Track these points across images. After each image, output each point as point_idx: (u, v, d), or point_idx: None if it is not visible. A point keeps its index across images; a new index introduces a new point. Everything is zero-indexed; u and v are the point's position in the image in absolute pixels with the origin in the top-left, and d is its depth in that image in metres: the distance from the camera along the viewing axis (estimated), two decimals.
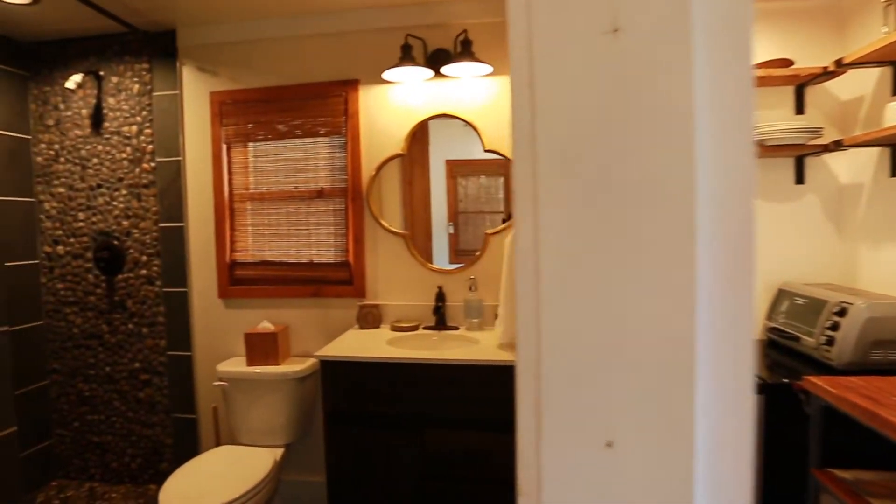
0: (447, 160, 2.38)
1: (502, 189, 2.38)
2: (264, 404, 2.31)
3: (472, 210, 2.38)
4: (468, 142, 2.37)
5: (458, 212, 2.38)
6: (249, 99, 2.47)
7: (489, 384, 1.85)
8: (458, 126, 2.37)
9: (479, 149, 2.34)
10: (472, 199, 2.38)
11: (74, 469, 2.83)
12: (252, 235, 2.54)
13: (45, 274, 2.76)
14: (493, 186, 2.38)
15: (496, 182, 2.39)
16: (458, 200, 2.39)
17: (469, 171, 2.38)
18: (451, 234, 2.39)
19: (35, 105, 2.70)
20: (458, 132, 2.37)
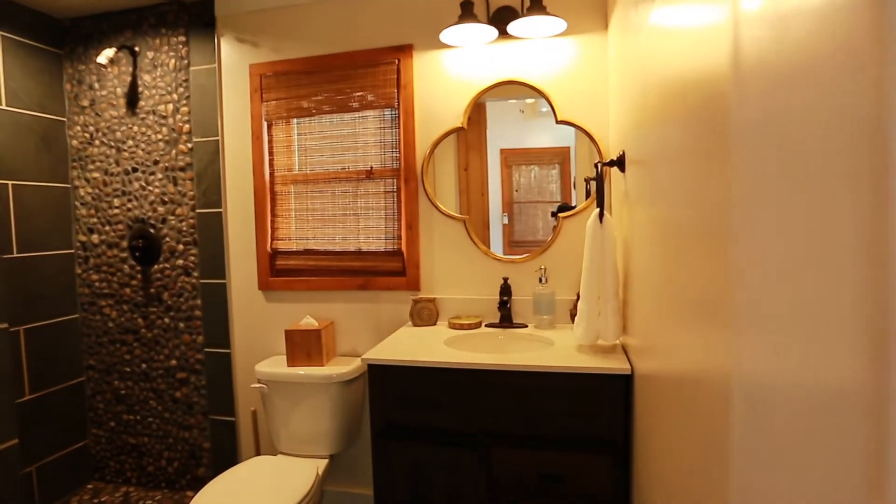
0: (501, 149, 2.10)
1: (558, 179, 2.08)
2: (306, 409, 2.07)
3: (525, 200, 2.10)
4: (525, 127, 2.11)
5: (513, 202, 2.09)
6: (292, 71, 2.23)
7: (569, 395, 1.53)
8: (515, 111, 2.09)
9: (537, 134, 2.08)
10: (526, 190, 2.10)
11: (110, 472, 2.67)
12: (295, 221, 2.29)
13: (81, 265, 2.60)
14: (546, 176, 2.08)
15: (549, 172, 2.09)
16: (512, 190, 2.09)
17: (524, 160, 2.10)
18: (506, 224, 2.09)
19: (70, 85, 2.54)
20: (515, 117, 2.11)
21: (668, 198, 0.96)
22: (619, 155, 1.60)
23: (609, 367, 1.49)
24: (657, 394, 1.14)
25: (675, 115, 0.88)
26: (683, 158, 0.84)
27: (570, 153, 2.06)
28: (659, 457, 1.11)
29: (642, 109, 1.25)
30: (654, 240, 1.12)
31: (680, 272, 0.88)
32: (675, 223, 0.89)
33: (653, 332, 1.18)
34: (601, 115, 1.96)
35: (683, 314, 0.85)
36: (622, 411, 1.50)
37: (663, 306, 1.05)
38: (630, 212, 1.51)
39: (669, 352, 0.98)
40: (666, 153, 0.97)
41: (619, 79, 1.66)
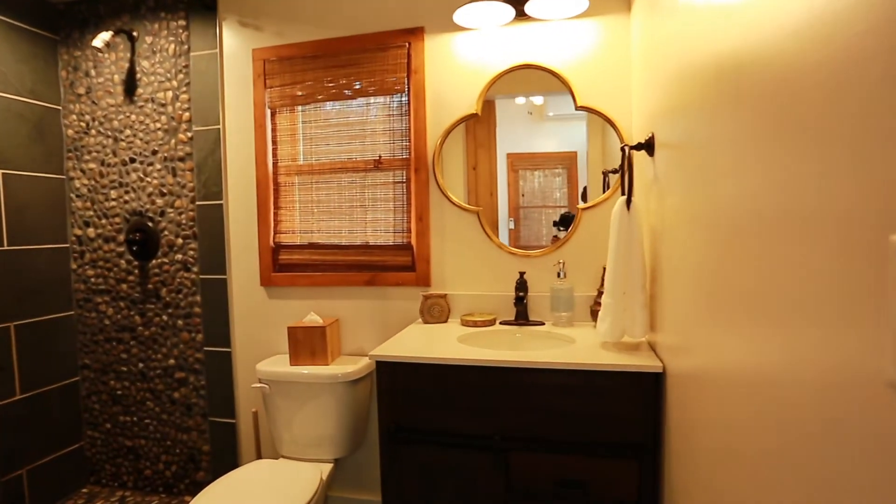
0: (508, 153, 2.00)
1: (564, 185, 2.00)
2: (310, 411, 1.96)
3: (531, 205, 2.01)
4: (533, 130, 2.02)
5: (519, 206, 1.99)
6: (297, 55, 2.13)
7: (594, 395, 1.42)
8: (523, 113, 2.00)
9: (544, 138, 2.01)
10: (532, 195, 2.03)
11: (106, 475, 2.56)
12: (299, 214, 2.19)
13: (76, 259, 2.50)
14: (553, 182, 2.00)
15: (556, 178, 2.00)
16: (519, 195, 1.99)
17: (530, 164, 2.02)
18: (512, 229, 1.99)
19: (65, 71, 2.44)
20: (522, 119, 2.01)
21: (725, 183, 0.85)
22: (648, 137, 1.49)
23: (639, 364, 1.38)
24: (700, 395, 1.03)
25: (737, 95, 0.78)
26: (745, 142, 0.73)
27: (576, 158, 1.97)
28: (703, 465, 0.99)
29: (680, 91, 1.14)
30: (699, 228, 1.01)
31: (740, 264, 0.77)
32: (741, 210, 0.78)
33: (693, 329, 1.07)
34: (623, 100, 1.85)
35: (748, 309, 0.74)
36: (652, 412, 1.39)
37: (710, 300, 0.94)
38: (660, 198, 1.40)
39: (722, 350, 0.88)
40: (720, 136, 0.87)
41: (647, 60, 1.55)
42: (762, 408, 0.69)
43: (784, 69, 0.61)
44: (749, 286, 0.74)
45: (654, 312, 1.51)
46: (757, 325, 0.71)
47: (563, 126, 2.01)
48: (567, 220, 1.98)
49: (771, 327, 0.66)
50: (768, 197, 0.66)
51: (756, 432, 0.71)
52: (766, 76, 0.67)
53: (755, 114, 0.72)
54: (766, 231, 0.67)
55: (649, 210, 1.55)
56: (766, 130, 0.67)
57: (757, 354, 0.71)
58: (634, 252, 1.48)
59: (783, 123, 0.62)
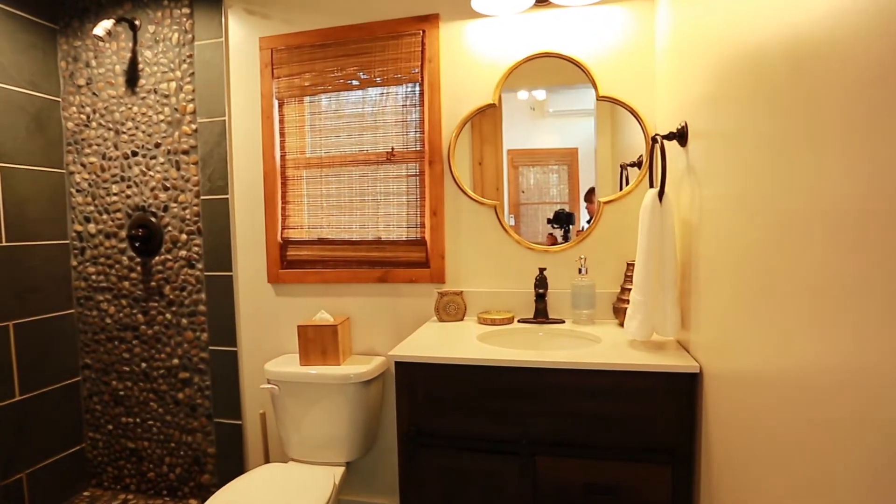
0: (508, 150, 1.94)
1: (566, 181, 1.95)
2: (321, 412, 1.89)
3: (531, 202, 1.97)
4: (534, 126, 1.96)
5: (520, 203, 1.93)
6: (305, 44, 2.05)
7: (624, 397, 1.35)
8: (525, 109, 1.94)
9: (545, 134, 1.95)
10: (532, 191, 1.98)
11: (108, 478, 2.49)
12: (308, 208, 2.11)
13: (76, 256, 2.42)
14: (552, 178, 1.96)
15: (556, 174, 1.96)
16: (519, 191, 1.93)
17: (530, 160, 1.98)
18: (512, 226, 1.92)
19: (65, 62, 2.36)
20: (524, 115, 1.95)
21: (783, 173, 0.78)
22: (681, 127, 1.42)
23: (674, 364, 1.31)
24: (744, 398, 0.96)
25: (798, 80, 0.71)
26: (806, 129, 0.67)
27: (577, 154, 1.92)
28: (749, 473, 0.93)
29: (725, 78, 1.08)
30: (749, 220, 0.94)
31: (801, 259, 0.70)
32: (805, 200, 0.71)
33: (738, 327, 1.01)
34: (647, 89, 1.78)
35: (813, 307, 0.67)
36: (687, 415, 1.32)
37: (762, 297, 0.87)
38: (696, 190, 1.33)
39: (777, 351, 0.81)
40: (775, 124, 0.80)
41: (679, 47, 1.48)
42: (830, 416, 0.62)
43: (857, 51, 0.54)
44: (814, 282, 0.67)
45: (686, 310, 1.44)
46: (829, 324, 0.64)
47: (565, 122, 1.96)
48: (561, 217, 1.92)
49: (844, 327, 0.59)
50: (839, 188, 0.60)
51: (818, 444, 0.64)
52: (836, 60, 0.60)
53: (822, 99, 0.65)
54: (837, 222, 0.60)
55: (681, 203, 1.48)
56: (832, 118, 0.61)
57: (824, 355, 0.64)
58: (666, 247, 1.41)
59: (854, 111, 0.55)
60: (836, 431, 0.64)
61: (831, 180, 0.64)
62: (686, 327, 1.44)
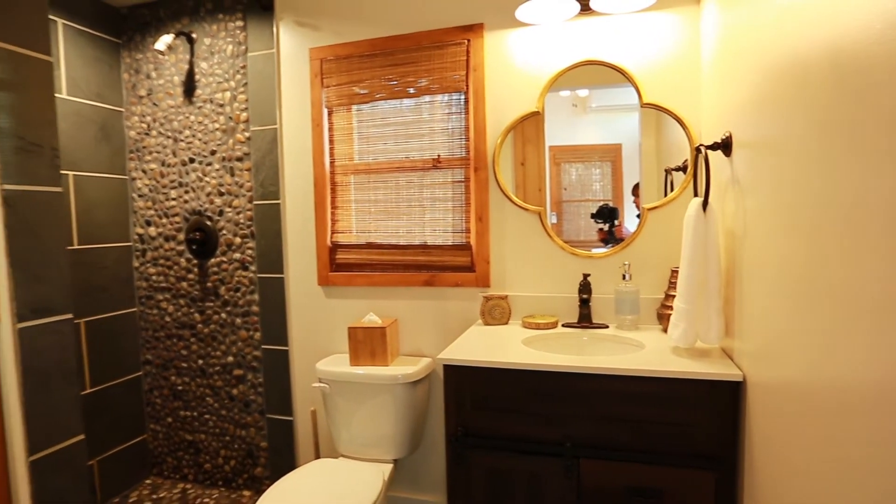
0: (550, 146, 1.96)
1: (605, 177, 1.95)
2: (370, 411, 1.96)
3: (573, 199, 1.98)
4: (576, 123, 1.96)
5: (562, 200, 1.94)
6: (354, 54, 2.12)
7: (667, 403, 1.37)
8: (567, 106, 1.94)
9: (588, 130, 1.96)
10: (575, 188, 1.98)
11: (168, 468, 2.64)
12: (356, 213, 2.19)
13: (138, 257, 2.56)
14: (595, 175, 1.97)
15: (599, 170, 1.96)
16: (561, 188, 1.94)
17: (573, 157, 1.98)
18: (554, 224, 1.94)
19: (128, 74, 2.50)
20: (566, 112, 1.95)
21: (833, 182, 0.79)
22: (725, 137, 1.42)
23: (717, 372, 1.33)
24: (791, 409, 0.97)
25: (850, 85, 0.72)
26: (858, 137, 0.68)
27: (621, 150, 1.92)
28: (792, 482, 0.94)
29: (775, 86, 1.08)
30: (794, 230, 0.95)
31: (856, 267, 0.71)
32: (856, 210, 0.73)
33: (784, 336, 1.02)
34: (692, 97, 1.78)
35: (872, 317, 0.69)
36: (731, 423, 1.34)
37: (812, 306, 0.88)
38: (740, 200, 1.34)
39: (820, 361, 0.82)
40: (826, 132, 0.81)
41: (724, 55, 1.48)
42: (874, 428, 0.64)
43: None
44: (858, 292, 0.69)
45: (729, 318, 1.45)
46: (873, 334, 0.65)
47: (608, 118, 1.96)
48: (604, 212, 1.92)
49: (890, 336, 0.61)
50: (884, 199, 0.61)
51: (861, 456, 0.66)
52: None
53: (868, 110, 0.66)
54: (883, 234, 0.62)
55: (725, 212, 1.49)
56: (878, 129, 0.62)
57: (868, 366, 0.66)
58: (711, 256, 1.42)
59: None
60: (879, 444, 0.65)
61: (876, 191, 0.65)
62: (730, 335, 1.44)
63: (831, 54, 0.79)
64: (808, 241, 0.90)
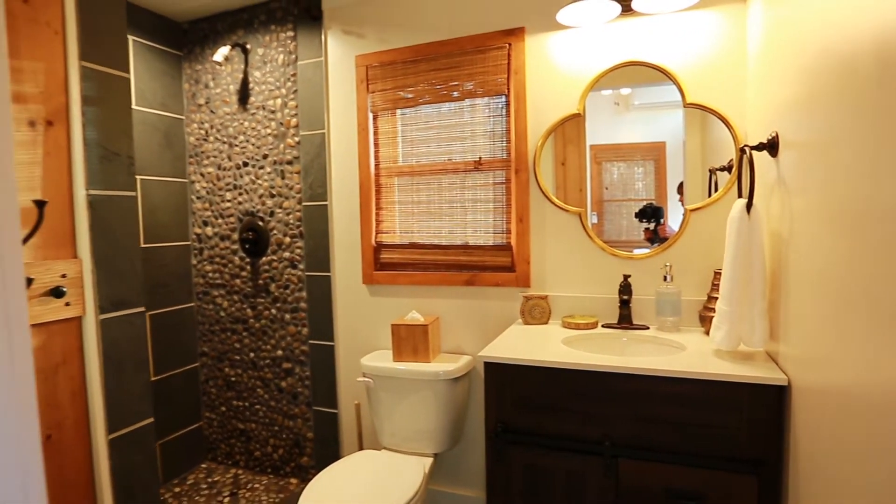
0: (591, 145, 1.96)
1: (648, 176, 1.93)
2: (411, 406, 2.03)
3: (615, 199, 1.98)
4: (618, 121, 1.95)
5: (603, 200, 1.94)
6: (398, 60, 2.19)
7: (709, 405, 1.38)
8: (609, 104, 1.95)
9: (630, 128, 1.95)
10: (616, 188, 1.98)
11: (221, 454, 2.79)
12: (399, 214, 2.26)
13: (196, 255, 2.72)
14: (638, 174, 1.95)
15: (642, 169, 1.95)
16: (602, 188, 1.95)
17: (614, 156, 1.97)
18: (595, 224, 1.95)
19: (188, 84, 2.66)
20: (608, 111, 1.96)
21: (876, 187, 0.80)
22: (771, 137, 1.41)
23: (760, 376, 1.32)
24: (840, 416, 0.97)
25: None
26: None
27: (665, 149, 1.90)
28: (837, 489, 0.94)
29: (814, 87, 1.08)
30: (846, 232, 0.95)
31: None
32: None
33: (833, 341, 1.02)
34: (737, 97, 1.76)
35: None
36: (775, 427, 1.33)
37: (857, 311, 0.89)
38: (786, 201, 1.33)
39: (868, 367, 0.83)
40: (878, 131, 0.81)
41: (770, 52, 1.47)
42: None
43: None
44: None
45: (774, 321, 1.44)
46: None
47: (651, 115, 1.94)
48: (648, 211, 1.92)
49: None
50: None
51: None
52: None
53: None
54: None
55: (771, 214, 1.48)
56: None
57: None
58: (755, 258, 1.42)
59: None
60: None
61: None
62: (775, 339, 1.43)
63: (879, 48, 0.77)
64: (857, 243, 0.90)
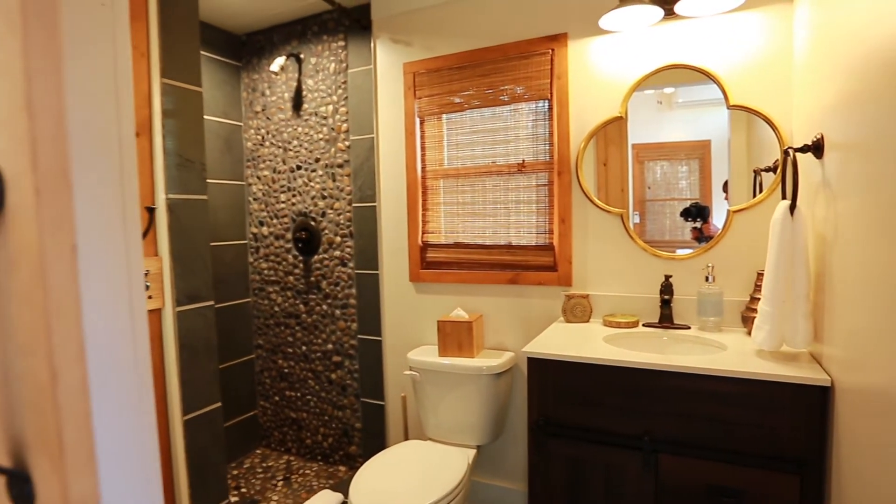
0: (633, 144, 1.97)
1: (692, 174, 1.93)
2: (456, 399, 2.11)
3: (657, 198, 1.98)
4: (661, 119, 1.96)
5: (645, 200, 1.96)
6: (444, 67, 2.28)
7: (749, 404, 1.40)
8: (651, 103, 1.96)
9: (673, 127, 1.95)
10: (659, 187, 1.98)
11: (274, 441, 2.95)
12: (445, 215, 2.35)
13: (252, 253, 2.89)
14: (682, 173, 1.95)
15: (686, 168, 1.95)
16: (644, 187, 1.96)
17: (657, 155, 1.97)
18: (637, 223, 1.97)
19: (246, 93, 2.82)
20: (650, 109, 1.97)
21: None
22: (816, 139, 1.42)
23: (802, 376, 1.34)
24: (878, 416, 0.99)
25: None
26: None
27: (710, 147, 1.89)
28: (880, 490, 0.97)
29: (860, 89, 1.09)
30: (885, 236, 0.97)
31: None
32: None
33: (873, 343, 1.03)
34: (783, 98, 1.76)
35: None
36: (818, 427, 1.35)
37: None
38: (831, 203, 1.34)
39: None
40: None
41: (817, 52, 1.48)
42: None
43: None
44: None
45: (818, 323, 1.45)
46: None
47: (695, 113, 1.94)
48: (692, 211, 1.92)
49: None
50: None
51: None
52: None
53: None
54: None
55: (815, 216, 1.48)
56: None
57: None
58: (798, 260, 1.43)
59: None
60: None
61: None
62: (819, 340, 1.44)
63: None
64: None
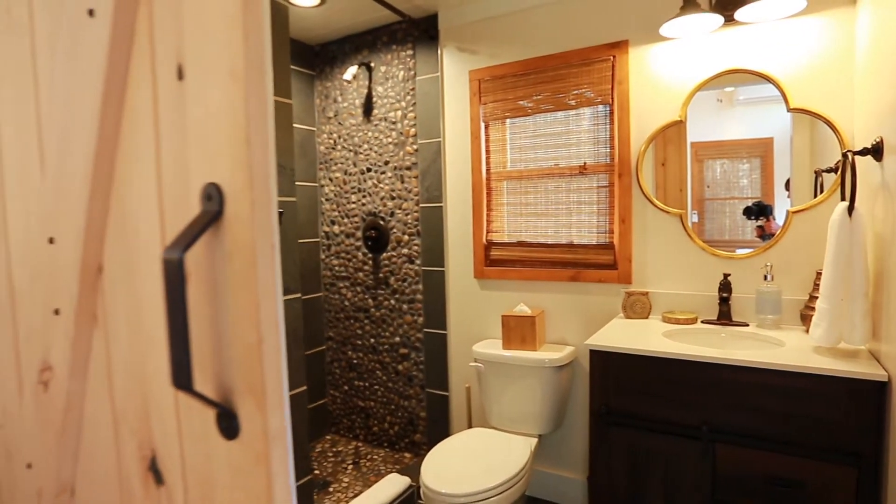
0: (692, 142, 2.01)
1: (758, 172, 1.95)
2: (518, 390, 2.23)
3: (717, 197, 2.01)
4: (721, 117, 2.00)
5: (704, 199, 2.00)
6: (508, 74, 2.40)
7: (806, 398, 1.46)
8: (711, 101, 2.00)
9: (734, 124, 1.98)
10: (718, 186, 2.01)
11: (343, 428, 3.15)
12: (508, 215, 2.47)
13: (324, 251, 3.10)
14: (742, 171, 1.97)
15: (746, 166, 1.97)
16: (703, 186, 2.00)
17: (717, 153, 2.00)
18: (695, 223, 2.01)
19: (319, 100, 3.03)
20: (710, 107, 2.00)
21: None
22: (876, 142, 1.47)
23: (859, 371, 1.39)
24: None
25: None
26: None
27: (772, 145, 1.90)
28: None
29: None
30: None
31: None
32: None
33: None
34: (844, 100, 1.79)
35: None
36: (875, 422, 1.40)
37: None
38: (890, 205, 1.38)
39: None
40: None
41: (878, 54, 1.51)
42: None
43: None
44: None
45: (877, 321, 1.49)
46: None
47: (756, 110, 1.95)
48: (753, 209, 1.95)
49: None
50: None
51: None
52: None
53: None
54: None
55: (874, 217, 1.52)
56: None
57: None
58: (856, 260, 1.48)
59: None
60: None
61: None
62: (878, 338, 1.48)
63: None
64: None
